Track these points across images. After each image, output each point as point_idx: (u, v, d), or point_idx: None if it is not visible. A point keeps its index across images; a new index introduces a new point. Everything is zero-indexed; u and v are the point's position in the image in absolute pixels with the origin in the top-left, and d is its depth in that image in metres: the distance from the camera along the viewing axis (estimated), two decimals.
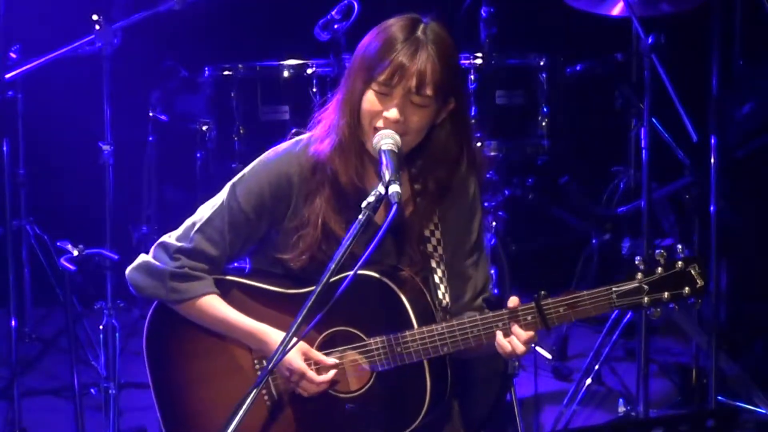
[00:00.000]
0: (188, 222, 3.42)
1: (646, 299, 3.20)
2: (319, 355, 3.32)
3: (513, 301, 3.26)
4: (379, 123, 3.25)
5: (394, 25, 3.27)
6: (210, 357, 3.43)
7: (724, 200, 5.27)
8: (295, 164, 3.36)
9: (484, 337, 3.25)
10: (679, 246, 3.23)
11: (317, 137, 3.37)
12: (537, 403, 5.40)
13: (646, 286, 3.20)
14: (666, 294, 3.20)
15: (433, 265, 3.39)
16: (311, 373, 3.29)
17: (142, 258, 3.43)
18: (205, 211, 3.41)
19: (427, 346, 3.25)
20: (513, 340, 3.24)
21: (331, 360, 3.31)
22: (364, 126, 3.28)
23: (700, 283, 3.19)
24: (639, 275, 3.20)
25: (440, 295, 3.38)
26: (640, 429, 3.17)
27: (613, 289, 3.21)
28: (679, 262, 3.20)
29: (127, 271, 3.44)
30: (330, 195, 3.35)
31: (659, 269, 3.20)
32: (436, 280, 3.39)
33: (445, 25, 3.31)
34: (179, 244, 3.38)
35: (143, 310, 6.31)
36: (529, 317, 3.23)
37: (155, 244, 3.43)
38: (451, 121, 3.33)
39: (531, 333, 3.23)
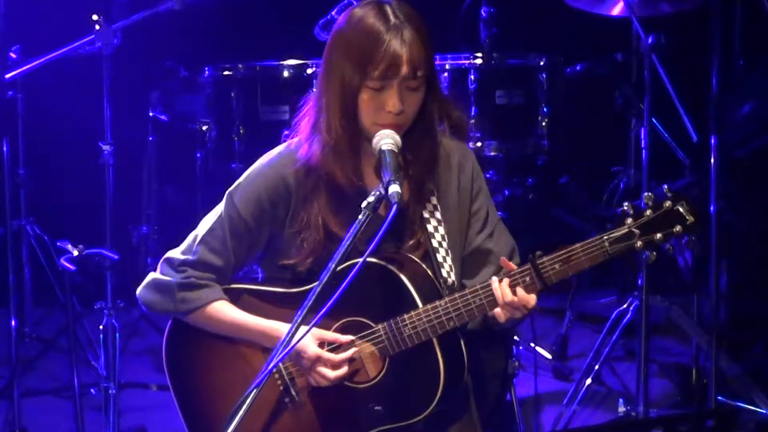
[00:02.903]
0: (191, 235, 3.45)
1: (639, 243, 3.19)
2: (332, 334, 3.32)
3: (506, 263, 3.28)
4: (381, 118, 3.25)
5: (365, 15, 3.26)
6: (228, 365, 3.44)
7: (724, 200, 5.27)
8: (290, 167, 3.37)
9: (488, 305, 3.26)
10: (665, 186, 3.22)
11: (304, 137, 3.36)
12: (537, 403, 5.40)
13: (636, 230, 3.19)
14: (658, 235, 3.19)
15: (435, 245, 3.40)
16: (328, 355, 3.30)
17: (151, 276, 3.46)
18: (206, 223, 3.43)
19: (433, 322, 3.26)
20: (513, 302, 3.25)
21: (345, 337, 3.31)
22: (364, 125, 3.28)
23: (690, 219, 3.18)
24: (629, 220, 3.20)
25: (444, 274, 3.38)
26: (640, 429, 3.17)
27: (605, 237, 3.21)
28: (667, 202, 3.19)
29: (138, 290, 3.47)
30: (327, 196, 3.36)
31: (648, 212, 3.19)
32: (439, 259, 3.39)
33: (423, 10, 3.31)
34: (184, 257, 3.41)
35: (143, 311, 6.32)
36: (528, 278, 3.25)
37: (161, 260, 3.46)
38: (428, 91, 3.32)
39: (532, 295, 3.24)
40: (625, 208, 3.20)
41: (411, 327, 3.27)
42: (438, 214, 3.41)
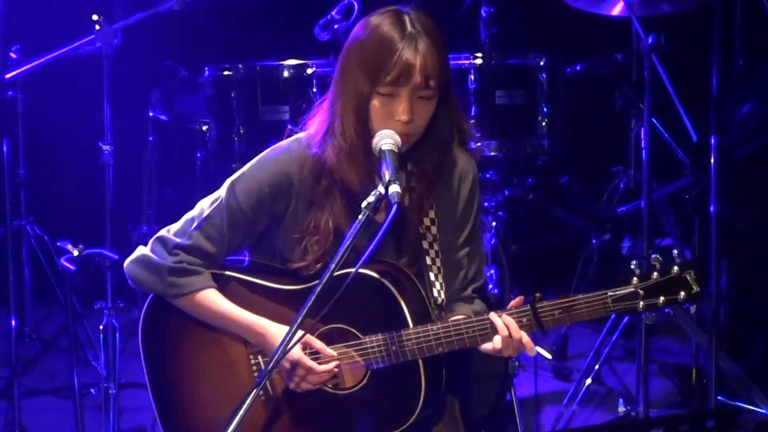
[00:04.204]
0: (187, 217, 3.42)
1: (641, 304, 3.21)
2: (319, 344, 3.32)
3: (516, 302, 3.27)
4: (390, 127, 3.25)
5: (383, 23, 3.26)
6: (204, 351, 3.43)
7: (724, 200, 5.27)
8: (296, 163, 3.37)
9: (480, 338, 3.26)
10: (675, 251, 3.22)
11: (316, 140, 3.36)
12: (537, 403, 5.41)
13: (641, 291, 3.21)
14: (661, 299, 3.20)
15: (429, 262, 3.39)
16: (311, 362, 3.29)
17: (141, 251, 3.43)
18: (204, 208, 3.40)
19: (422, 345, 3.25)
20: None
21: (330, 351, 3.31)
22: (374, 131, 3.27)
23: (696, 288, 3.19)
24: (635, 280, 3.21)
25: (435, 293, 3.38)
26: (640, 429, 3.17)
27: (609, 293, 3.21)
28: (675, 267, 3.20)
29: (126, 263, 3.45)
30: (341, 201, 3.35)
31: (655, 274, 3.20)
32: (432, 277, 3.39)
33: (426, 9, 3.31)
34: (178, 239, 3.39)
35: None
36: (524, 319, 3.24)
37: (153, 238, 3.43)
38: (442, 103, 3.33)
39: (526, 336, 3.24)
40: (633, 267, 3.21)
41: (399, 346, 3.26)
42: (434, 230, 3.41)
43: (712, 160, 5.10)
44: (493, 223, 5.48)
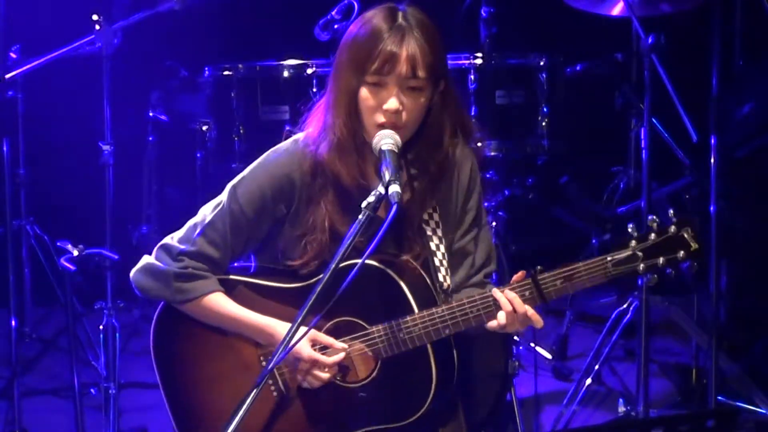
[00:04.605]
0: (190, 224, 3.43)
1: (641, 266, 3.21)
2: (327, 338, 3.32)
3: (518, 276, 3.28)
4: (380, 117, 3.25)
5: (374, 17, 3.28)
6: (216, 356, 3.44)
7: (724, 200, 5.27)
8: (296, 164, 3.37)
9: (485, 316, 3.27)
10: (671, 210, 3.23)
11: (312, 138, 3.37)
12: (537, 403, 5.40)
13: (640, 253, 3.21)
14: (661, 259, 3.20)
15: (433, 248, 3.40)
16: (317, 355, 3.29)
17: (145, 260, 3.44)
18: (206, 214, 3.41)
19: (428, 329, 3.26)
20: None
21: (340, 344, 3.31)
22: (365, 123, 3.28)
23: (694, 246, 3.19)
24: (633, 242, 3.21)
25: (441, 278, 3.39)
26: (640, 429, 3.17)
27: (608, 258, 3.22)
28: (672, 227, 3.20)
29: (132, 273, 3.45)
30: (334, 197, 3.36)
31: (652, 235, 3.20)
32: (437, 263, 3.39)
33: (422, 9, 3.32)
34: (182, 246, 3.39)
35: (143, 311, 6.32)
36: (527, 293, 3.26)
37: (157, 246, 3.44)
38: (442, 101, 3.34)
39: (531, 310, 3.25)
40: (630, 230, 3.21)
41: (406, 332, 3.27)
42: (436, 216, 3.41)
43: (712, 160, 5.10)
44: (493, 223, 5.48)
